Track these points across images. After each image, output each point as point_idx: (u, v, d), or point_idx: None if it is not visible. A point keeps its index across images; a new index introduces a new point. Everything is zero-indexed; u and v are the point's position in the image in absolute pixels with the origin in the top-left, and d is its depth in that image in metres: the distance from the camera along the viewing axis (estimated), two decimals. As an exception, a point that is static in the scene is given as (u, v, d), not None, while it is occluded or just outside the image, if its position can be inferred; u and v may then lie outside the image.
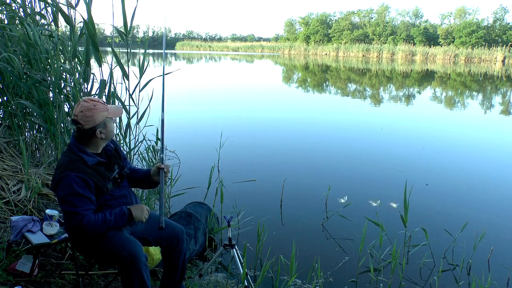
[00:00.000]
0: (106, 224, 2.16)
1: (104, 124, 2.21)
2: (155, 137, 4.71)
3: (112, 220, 2.17)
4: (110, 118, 2.25)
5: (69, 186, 2.08)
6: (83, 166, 2.14)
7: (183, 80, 19.40)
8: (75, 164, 2.13)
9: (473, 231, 3.82)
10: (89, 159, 2.18)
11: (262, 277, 2.91)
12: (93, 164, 2.18)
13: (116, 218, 2.19)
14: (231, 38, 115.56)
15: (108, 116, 2.22)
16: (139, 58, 4.35)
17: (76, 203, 2.08)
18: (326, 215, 4.48)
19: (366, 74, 26.69)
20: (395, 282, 3.24)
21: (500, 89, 19.90)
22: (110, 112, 2.25)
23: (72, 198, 2.08)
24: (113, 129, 2.30)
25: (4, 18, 4.79)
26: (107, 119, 2.22)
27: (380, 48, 53.13)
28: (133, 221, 2.27)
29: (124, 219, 2.21)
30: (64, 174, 2.10)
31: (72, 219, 2.09)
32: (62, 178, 2.10)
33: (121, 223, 2.21)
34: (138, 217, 2.26)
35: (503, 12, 53.84)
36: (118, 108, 2.37)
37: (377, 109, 12.62)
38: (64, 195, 2.10)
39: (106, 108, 2.24)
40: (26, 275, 2.64)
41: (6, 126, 4.78)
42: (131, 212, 2.24)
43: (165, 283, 2.58)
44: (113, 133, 2.31)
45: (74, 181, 2.08)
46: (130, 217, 2.23)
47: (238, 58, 49.17)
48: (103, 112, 2.20)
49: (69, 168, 2.11)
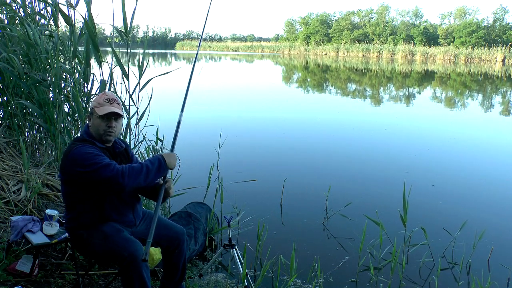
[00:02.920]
0: (144, 169, 2.08)
1: (91, 114, 2.28)
2: (155, 137, 4.71)
3: (149, 165, 2.11)
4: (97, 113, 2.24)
5: (86, 152, 2.10)
6: (93, 145, 2.21)
7: (183, 80, 19.39)
8: (85, 142, 2.21)
9: (473, 231, 3.82)
10: (97, 143, 2.25)
11: (262, 277, 2.91)
12: (101, 147, 2.25)
13: (152, 163, 2.12)
14: (231, 38, 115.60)
15: (95, 108, 2.26)
16: (139, 58, 4.35)
17: (100, 158, 2.08)
18: (326, 215, 4.49)
19: (366, 74, 26.69)
20: (395, 282, 3.24)
21: (500, 89, 19.90)
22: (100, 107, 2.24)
23: (94, 158, 2.07)
24: (99, 128, 2.23)
25: (4, 18, 4.79)
26: (94, 111, 2.26)
27: (380, 48, 53.14)
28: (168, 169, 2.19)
29: (162, 166, 2.15)
30: (77, 146, 2.15)
31: (105, 171, 2.02)
32: (75, 148, 2.13)
33: (161, 169, 2.15)
34: (172, 164, 2.20)
35: (503, 12, 53.90)
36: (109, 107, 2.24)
37: (377, 109, 12.63)
38: (83, 160, 2.06)
39: (103, 103, 2.26)
40: (26, 275, 2.64)
41: (6, 126, 4.78)
42: (165, 160, 2.17)
43: (165, 283, 2.58)
44: (97, 130, 2.24)
45: (88, 148, 2.14)
46: (166, 165, 2.17)
47: (238, 58, 49.16)
48: (95, 103, 2.28)
49: (79, 144, 2.18)
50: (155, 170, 2.13)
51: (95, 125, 2.26)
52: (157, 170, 2.14)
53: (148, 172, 2.10)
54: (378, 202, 4.88)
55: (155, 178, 2.16)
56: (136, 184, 2.08)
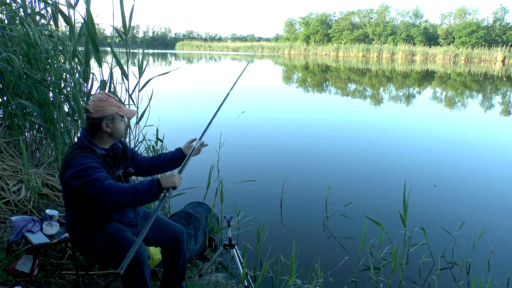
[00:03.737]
0: (131, 190, 1.98)
1: (112, 119, 2.23)
2: (155, 137, 4.71)
3: (138, 187, 1.99)
4: (120, 115, 2.26)
5: (81, 163, 2.06)
6: (92, 152, 2.19)
7: (183, 80, 19.41)
8: (84, 150, 2.17)
9: (473, 230, 3.82)
10: (97, 149, 2.23)
11: (262, 277, 2.90)
12: (101, 154, 2.23)
13: (143, 185, 2.00)
14: (231, 38, 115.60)
15: (118, 112, 2.24)
16: (139, 58, 4.35)
17: (92, 172, 2.03)
18: (326, 214, 4.49)
19: (366, 74, 26.70)
20: (395, 282, 3.24)
21: (500, 89, 19.91)
22: (122, 109, 2.27)
23: (86, 171, 2.03)
24: (122, 129, 2.29)
25: (4, 18, 4.79)
26: (116, 115, 2.24)
27: (380, 48, 53.15)
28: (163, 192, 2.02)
29: (154, 186, 1.99)
30: (75, 156, 2.10)
31: (92, 187, 1.99)
32: (73, 158, 2.09)
33: (152, 190, 1.99)
34: (168, 184, 2.01)
35: (503, 12, 53.90)
36: (131, 110, 2.37)
37: (377, 109, 12.63)
38: (77, 171, 2.03)
39: (119, 105, 2.26)
40: (26, 275, 2.64)
41: (6, 126, 4.79)
42: (160, 182, 2.01)
43: (165, 283, 2.58)
44: (120, 133, 2.29)
45: (85, 158, 2.10)
46: (160, 187, 2.00)
47: (238, 58, 49.17)
48: (114, 107, 2.23)
49: (80, 152, 2.14)
50: (145, 192, 1.99)
51: (119, 128, 2.26)
52: (147, 193, 2.00)
53: (135, 193, 1.98)
54: (378, 202, 4.88)
55: (145, 201, 2.04)
56: (121, 204, 2.00)
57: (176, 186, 2.04)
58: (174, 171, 2.09)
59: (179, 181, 2.07)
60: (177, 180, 2.05)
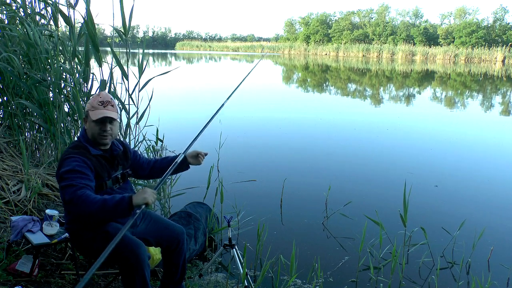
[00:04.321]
0: (99, 204, 1.95)
1: (86, 116, 2.27)
2: (155, 137, 4.71)
3: (107, 201, 1.95)
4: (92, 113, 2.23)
5: (69, 164, 2.10)
6: (86, 152, 2.20)
7: (183, 80, 19.41)
8: (78, 149, 2.20)
9: (473, 230, 3.82)
10: (92, 149, 2.24)
11: (262, 277, 2.90)
12: (95, 154, 2.23)
13: (113, 200, 1.96)
14: (231, 38, 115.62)
15: (88, 110, 2.25)
16: (139, 58, 4.35)
17: (73, 177, 2.05)
18: (326, 214, 4.49)
19: (366, 74, 26.70)
20: (395, 282, 3.24)
21: (500, 89, 19.90)
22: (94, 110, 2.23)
23: (69, 174, 2.06)
24: (94, 131, 2.23)
25: (4, 18, 4.79)
26: (89, 112, 2.25)
27: (380, 48, 53.15)
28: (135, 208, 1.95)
29: (122, 204, 1.95)
30: (67, 156, 2.15)
31: (67, 192, 2.01)
32: (65, 159, 2.14)
33: (119, 208, 1.95)
34: (139, 201, 1.94)
35: (503, 12, 53.90)
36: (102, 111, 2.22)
37: (378, 110, 12.63)
38: (63, 172, 2.08)
39: (95, 106, 2.24)
40: (26, 275, 2.64)
41: (6, 126, 4.79)
42: (131, 199, 1.96)
43: (165, 283, 2.58)
44: (93, 135, 2.24)
45: (75, 160, 2.12)
46: (130, 204, 1.95)
47: (238, 58, 49.17)
48: (89, 105, 2.26)
49: (72, 152, 2.17)
50: (112, 208, 1.95)
51: (90, 129, 2.25)
52: (114, 209, 1.95)
53: (103, 207, 1.95)
54: (378, 202, 4.88)
55: (112, 216, 2.01)
56: (88, 215, 1.99)
57: (148, 202, 1.95)
58: (147, 189, 2.01)
59: (152, 197, 1.97)
60: (149, 196, 1.95)
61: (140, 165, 2.57)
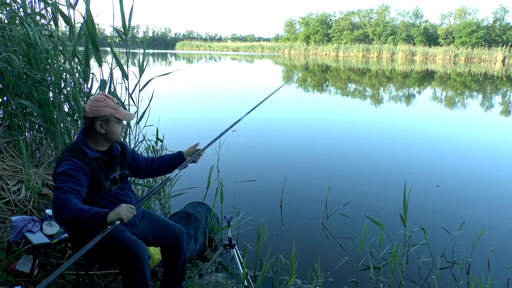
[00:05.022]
0: (74, 213, 1.90)
1: (107, 120, 2.21)
2: (155, 137, 4.71)
3: (84, 211, 1.91)
4: (116, 118, 2.24)
5: (63, 167, 2.09)
6: (83, 155, 2.18)
7: (183, 80, 19.41)
8: (75, 152, 2.18)
9: (473, 230, 3.82)
10: (90, 152, 2.22)
11: (262, 277, 2.91)
12: (92, 157, 2.21)
13: (87, 213, 1.91)
14: (231, 38, 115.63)
15: (114, 114, 2.22)
16: (139, 58, 4.35)
17: (62, 179, 2.04)
18: (326, 214, 4.49)
19: (366, 74, 26.70)
20: (395, 282, 3.24)
21: (500, 89, 19.90)
22: (119, 111, 2.25)
23: (60, 176, 2.06)
24: (118, 132, 2.27)
25: (4, 18, 4.79)
26: (112, 117, 2.22)
27: (380, 48, 53.15)
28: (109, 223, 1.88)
29: (96, 218, 1.90)
30: (62, 159, 2.14)
31: (54, 194, 2.01)
32: (60, 162, 2.14)
33: (93, 221, 1.91)
34: (113, 217, 1.88)
35: (503, 12, 53.90)
36: (129, 113, 2.35)
37: (379, 110, 12.63)
38: (56, 174, 2.09)
39: (116, 107, 2.25)
40: (26, 275, 2.64)
41: (6, 126, 4.79)
42: (106, 215, 1.90)
43: (165, 283, 2.59)
44: (116, 136, 2.28)
45: (69, 164, 2.10)
46: (104, 220, 1.89)
47: (238, 58, 49.16)
48: (109, 108, 2.22)
49: (69, 155, 2.16)
50: (84, 221, 1.91)
51: (114, 131, 2.25)
52: (86, 222, 1.91)
53: (76, 217, 1.91)
54: (378, 202, 4.88)
55: (84, 227, 1.96)
56: (62, 221, 1.96)
57: (122, 219, 1.88)
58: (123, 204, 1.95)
59: (128, 214, 1.90)
60: (123, 212, 1.89)
61: (138, 164, 2.56)
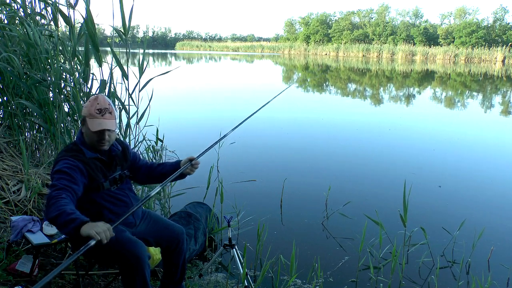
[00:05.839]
0: (56, 213, 1.86)
1: (84, 121, 2.23)
2: (155, 137, 4.71)
3: (65, 214, 1.85)
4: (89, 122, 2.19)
5: (59, 165, 2.10)
6: (80, 155, 2.19)
7: (183, 80, 19.40)
8: (72, 152, 2.19)
9: (473, 230, 3.82)
10: (88, 152, 2.22)
11: (262, 277, 2.90)
12: (90, 157, 2.22)
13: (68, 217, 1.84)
14: (231, 38, 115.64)
15: (85, 116, 2.21)
16: (139, 58, 4.35)
17: (57, 177, 2.05)
18: (326, 214, 4.49)
19: (366, 74, 26.69)
20: (395, 282, 3.24)
21: (500, 89, 19.90)
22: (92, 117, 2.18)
23: (56, 174, 2.07)
24: (91, 137, 2.20)
25: (4, 18, 4.79)
26: (87, 119, 2.20)
27: (380, 48, 53.15)
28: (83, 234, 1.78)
29: (72, 225, 1.82)
30: (59, 158, 2.15)
31: (49, 190, 2.02)
32: (57, 161, 2.15)
33: (69, 226, 1.83)
34: (85, 232, 1.77)
35: (503, 12, 53.89)
36: (99, 123, 2.17)
37: (379, 110, 12.63)
38: (52, 173, 2.10)
39: (93, 113, 2.18)
40: (26, 275, 2.64)
41: (6, 126, 4.79)
42: (83, 224, 1.81)
43: (165, 283, 2.58)
44: (91, 139, 2.21)
45: (66, 162, 2.11)
46: (78, 228, 1.80)
47: (238, 58, 49.16)
48: (88, 110, 2.20)
49: (66, 154, 2.17)
50: (62, 225, 1.87)
51: (88, 135, 2.23)
52: (63, 226, 1.87)
53: (57, 218, 1.87)
54: (378, 202, 4.88)
55: (61, 228, 1.93)
56: (47, 217, 1.94)
57: (92, 236, 1.74)
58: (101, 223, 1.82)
59: (102, 235, 1.76)
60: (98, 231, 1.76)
61: (138, 168, 2.53)
